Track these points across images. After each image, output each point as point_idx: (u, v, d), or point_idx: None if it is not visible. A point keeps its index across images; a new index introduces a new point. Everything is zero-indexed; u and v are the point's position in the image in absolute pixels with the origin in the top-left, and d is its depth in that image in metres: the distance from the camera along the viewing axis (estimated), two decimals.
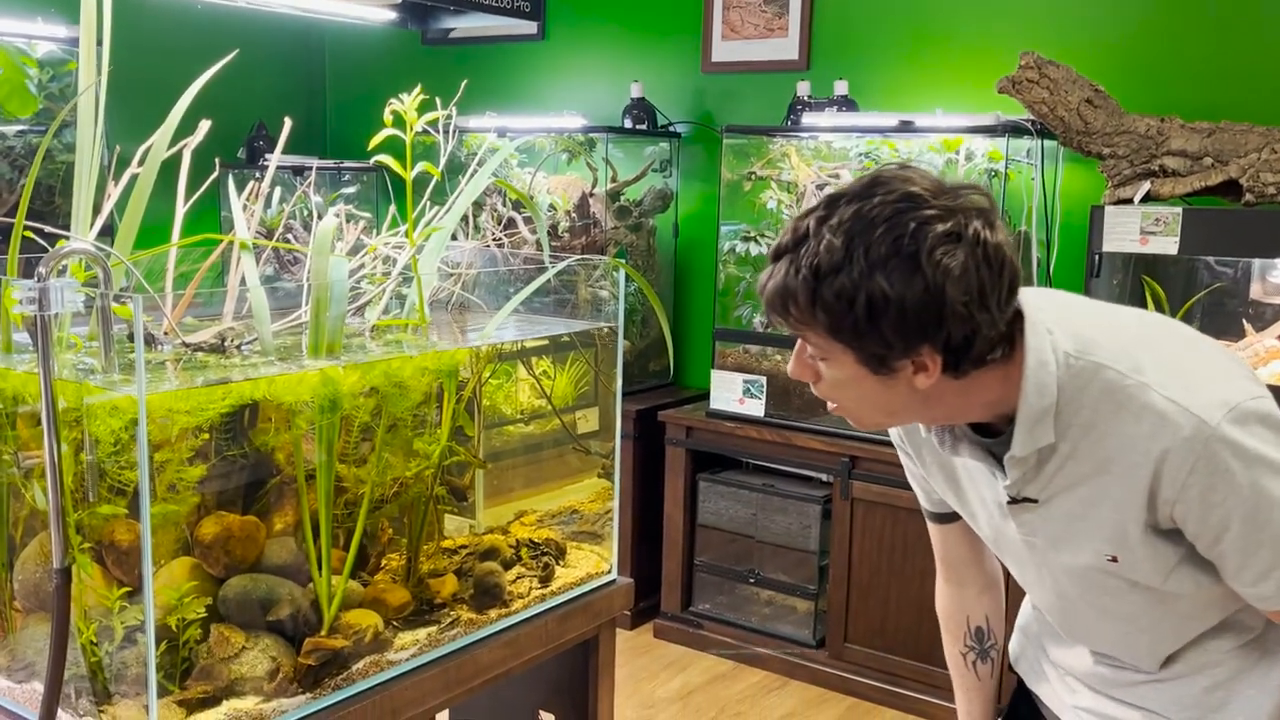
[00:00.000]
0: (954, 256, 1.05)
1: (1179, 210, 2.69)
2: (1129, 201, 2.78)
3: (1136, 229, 2.73)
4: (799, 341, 1.17)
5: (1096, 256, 2.82)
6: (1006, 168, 3.06)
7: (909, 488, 3.33)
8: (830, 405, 1.21)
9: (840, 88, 3.44)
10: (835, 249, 1.06)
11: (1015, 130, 3.02)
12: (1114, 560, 1.20)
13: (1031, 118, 2.98)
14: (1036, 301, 1.18)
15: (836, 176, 3.36)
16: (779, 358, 3.48)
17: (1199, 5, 3.08)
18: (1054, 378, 1.14)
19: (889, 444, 3.27)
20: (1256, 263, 2.84)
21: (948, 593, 1.58)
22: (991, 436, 1.24)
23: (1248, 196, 2.66)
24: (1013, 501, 1.24)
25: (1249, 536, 1.13)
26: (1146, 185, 2.78)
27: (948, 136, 3.14)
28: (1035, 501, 1.23)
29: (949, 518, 1.49)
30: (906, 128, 3.15)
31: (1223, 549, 1.15)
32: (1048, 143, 3.13)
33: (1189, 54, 3.11)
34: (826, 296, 1.07)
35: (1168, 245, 2.67)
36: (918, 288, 1.05)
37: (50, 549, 1.36)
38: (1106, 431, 1.15)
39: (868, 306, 1.06)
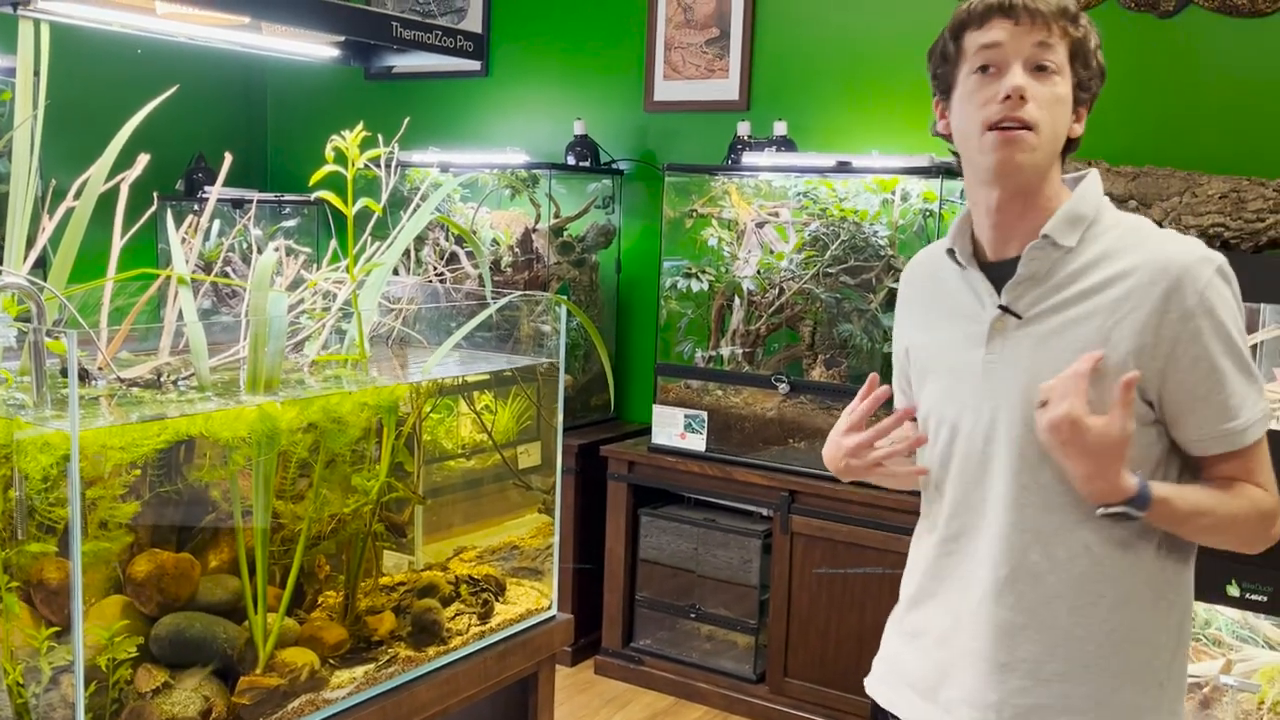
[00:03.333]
0: None
1: None
2: None
3: None
4: (1017, 65, 1.33)
5: None
6: (941, 208, 3.13)
7: (848, 521, 3.36)
8: (1012, 133, 1.32)
9: (780, 128, 3.50)
10: None
11: (949, 172, 3.10)
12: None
13: None
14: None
15: (776, 215, 3.42)
16: (720, 393, 3.51)
17: (1123, 56, 3.19)
18: (1098, 200, 1.38)
19: (828, 479, 3.32)
20: None
21: None
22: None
23: None
24: (1003, 311, 1.37)
25: (1226, 371, 1.30)
26: None
27: (883, 177, 3.21)
28: (1020, 318, 1.36)
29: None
30: (844, 168, 3.22)
31: (1222, 374, 1.30)
32: None
33: (1114, 101, 3.20)
34: (1083, 20, 1.37)
35: None
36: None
37: None
38: (1130, 252, 1.33)
39: (1095, 35, 1.38)
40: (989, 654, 1.37)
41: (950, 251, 1.45)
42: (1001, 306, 1.37)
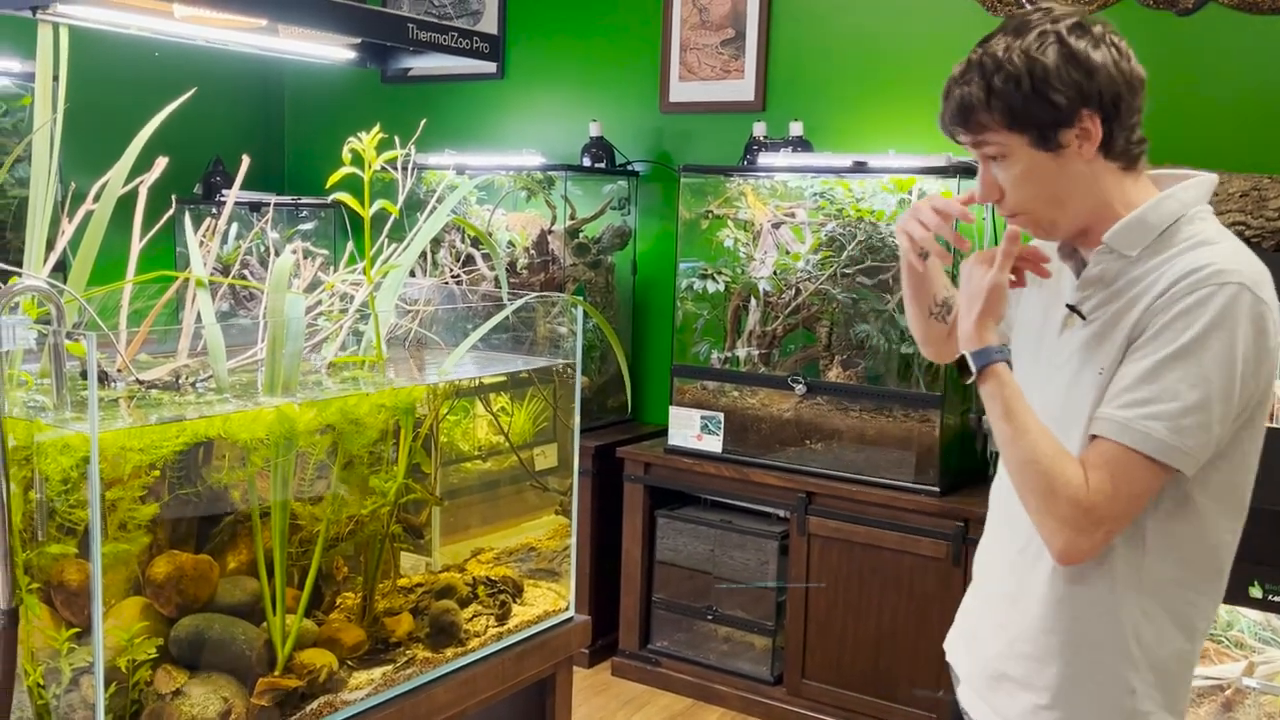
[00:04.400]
0: (1089, 40, 1.31)
1: None
2: None
3: None
4: (980, 168, 1.39)
5: None
6: None
7: (865, 523, 3.35)
8: (1011, 223, 1.38)
9: (795, 128, 3.50)
10: (994, 55, 1.32)
11: (966, 171, 3.08)
12: (1101, 373, 1.33)
13: None
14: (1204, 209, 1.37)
15: (792, 215, 3.41)
16: (736, 394, 3.51)
17: (1142, 54, 3.16)
18: (1173, 216, 1.33)
19: (846, 480, 3.30)
20: None
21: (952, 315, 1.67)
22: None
23: None
24: (1070, 310, 1.38)
25: (1160, 369, 1.25)
26: None
27: (900, 177, 3.19)
28: (1084, 319, 1.37)
29: None
30: (860, 168, 3.20)
31: (1135, 362, 1.28)
32: None
33: None
34: (998, 85, 1.31)
35: None
36: (1066, 54, 1.29)
37: None
38: (1170, 262, 1.30)
39: (1030, 78, 1.29)
40: (988, 614, 1.49)
41: None
42: (1069, 305, 1.39)
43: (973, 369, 1.36)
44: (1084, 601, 1.35)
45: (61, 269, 1.66)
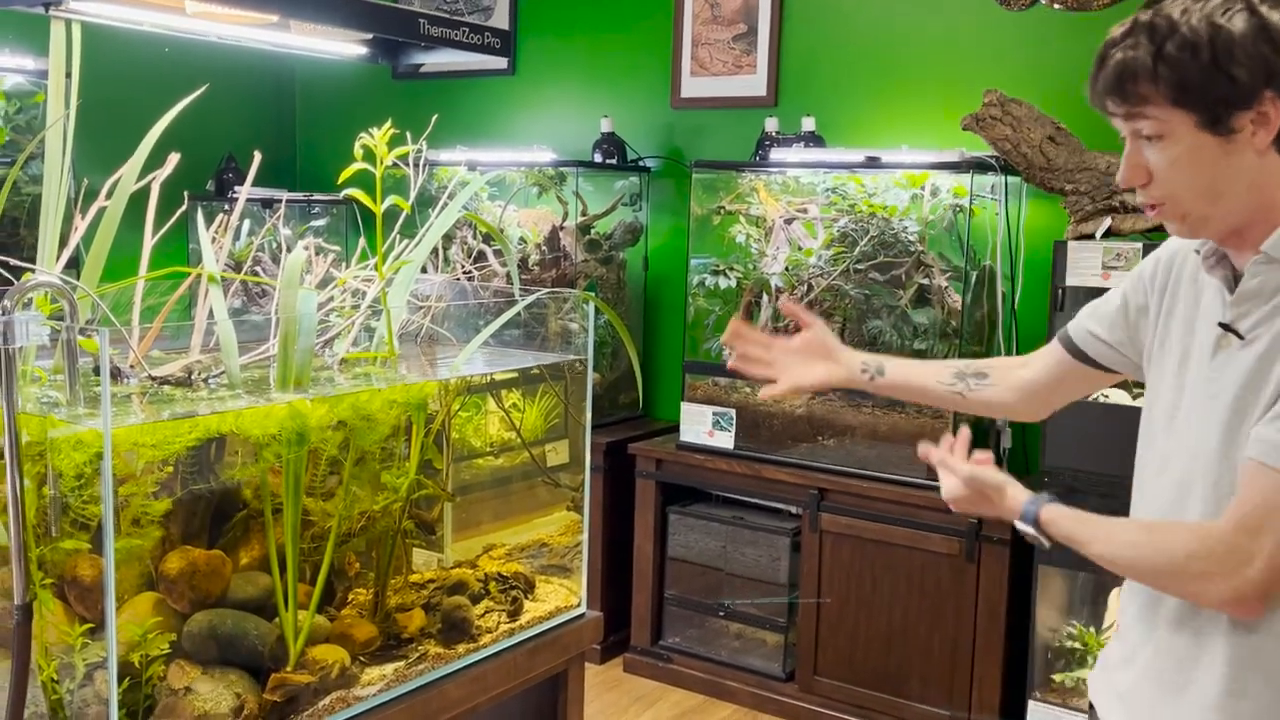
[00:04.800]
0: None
1: (1139, 245, 2.73)
2: (1090, 237, 2.83)
3: (1098, 264, 2.77)
4: (1126, 146, 1.23)
5: (1060, 290, 2.86)
6: (971, 203, 3.10)
7: (877, 520, 3.32)
8: (1151, 212, 1.24)
9: (808, 124, 3.48)
10: (1169, 17, 1.15)
11: (979, 166, 3.07)
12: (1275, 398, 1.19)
13: (995, 154, 3.03)
14: None
15: (804, 211, 3.40)
16: (748, 390, 3.50)
17: None
18: None
19: (857, 476, 3.29)
20: None
21: (994, 375, 1.56)
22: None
23: None
24: (1224, 329, 1.22)
25: None
26: (1108, 221, 2.83)
27: (913, 172, 3.18)
28: (1241, 338, 1.21)
29: (1079, 355, 1.47)
30: (873, 163, 3.19)
31: None
32: (1011, 179, 3.17)
33: None
34: (1170, 51, 1.14)
35: None
36: (1257, 24, 1.12)
37: (10, 585, 1.34)
38: None
39: (1211, 48, 1.13)
40: (1153, 672, 1.30)
41: (1197, 250, 1.30)
42: (1222, 324, 1.23)
43: (1031, 534, 1.30)
44: (1272, 655, 1.19)
45: (74, 265, 1.67)
